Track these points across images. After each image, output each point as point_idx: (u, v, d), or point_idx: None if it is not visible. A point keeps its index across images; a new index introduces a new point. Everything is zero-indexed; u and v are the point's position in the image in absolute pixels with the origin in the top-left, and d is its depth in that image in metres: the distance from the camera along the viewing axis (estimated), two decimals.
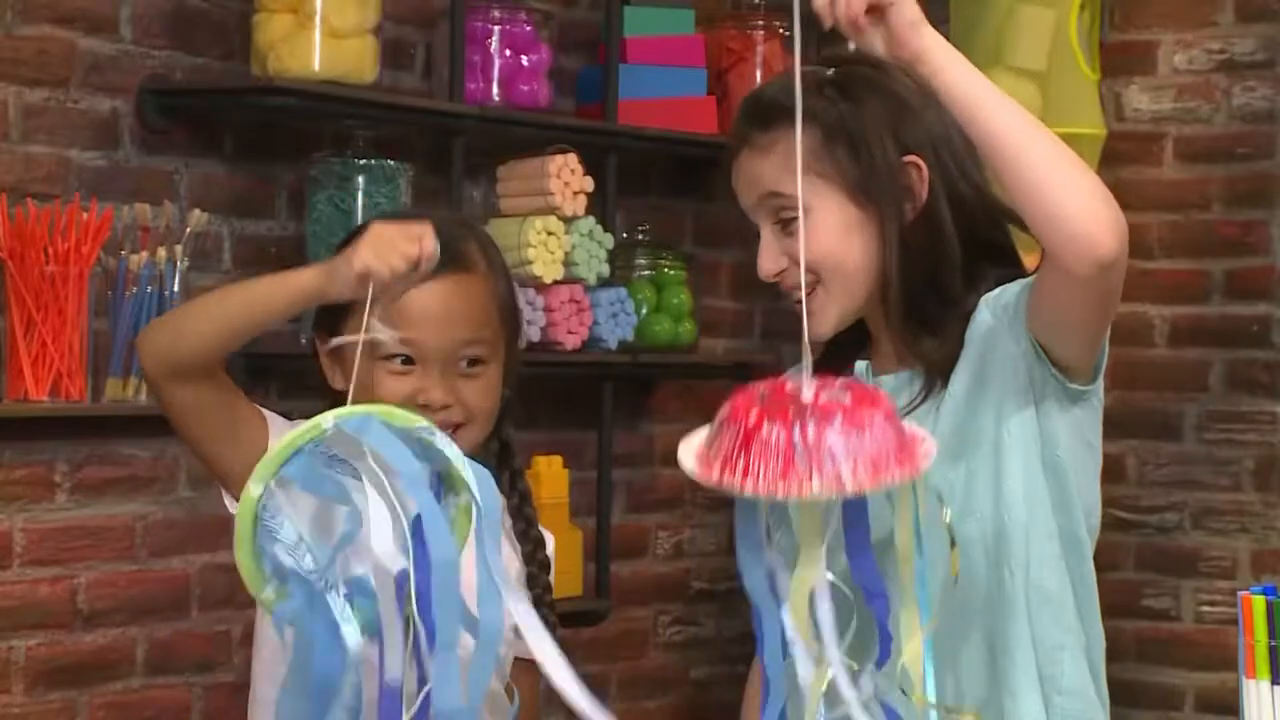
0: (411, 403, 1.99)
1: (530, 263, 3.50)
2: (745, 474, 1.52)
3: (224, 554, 2.21)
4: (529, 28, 3.72)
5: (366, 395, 1.97)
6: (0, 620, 3.07)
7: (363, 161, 3.42)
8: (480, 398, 2.08)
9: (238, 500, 2.06)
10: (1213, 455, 4.24)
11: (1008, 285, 1.92)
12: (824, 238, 1.92)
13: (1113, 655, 4.49)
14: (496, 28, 3.68)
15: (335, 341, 2.01)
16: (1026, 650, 1.93)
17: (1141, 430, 4.32)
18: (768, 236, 1.95)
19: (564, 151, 3.62)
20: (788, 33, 4.20)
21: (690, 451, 1.60)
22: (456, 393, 2.06)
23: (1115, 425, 4.30)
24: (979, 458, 1.92)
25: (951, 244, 1.95)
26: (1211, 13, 4.24)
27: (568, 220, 3.59)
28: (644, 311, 3.79)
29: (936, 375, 1.94)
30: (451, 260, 2.05)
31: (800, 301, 1.83)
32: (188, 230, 3.21)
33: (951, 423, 1.92)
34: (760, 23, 4.17)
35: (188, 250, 3.19)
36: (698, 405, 3.94)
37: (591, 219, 3.63)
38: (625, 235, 3.89)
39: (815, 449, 1.50)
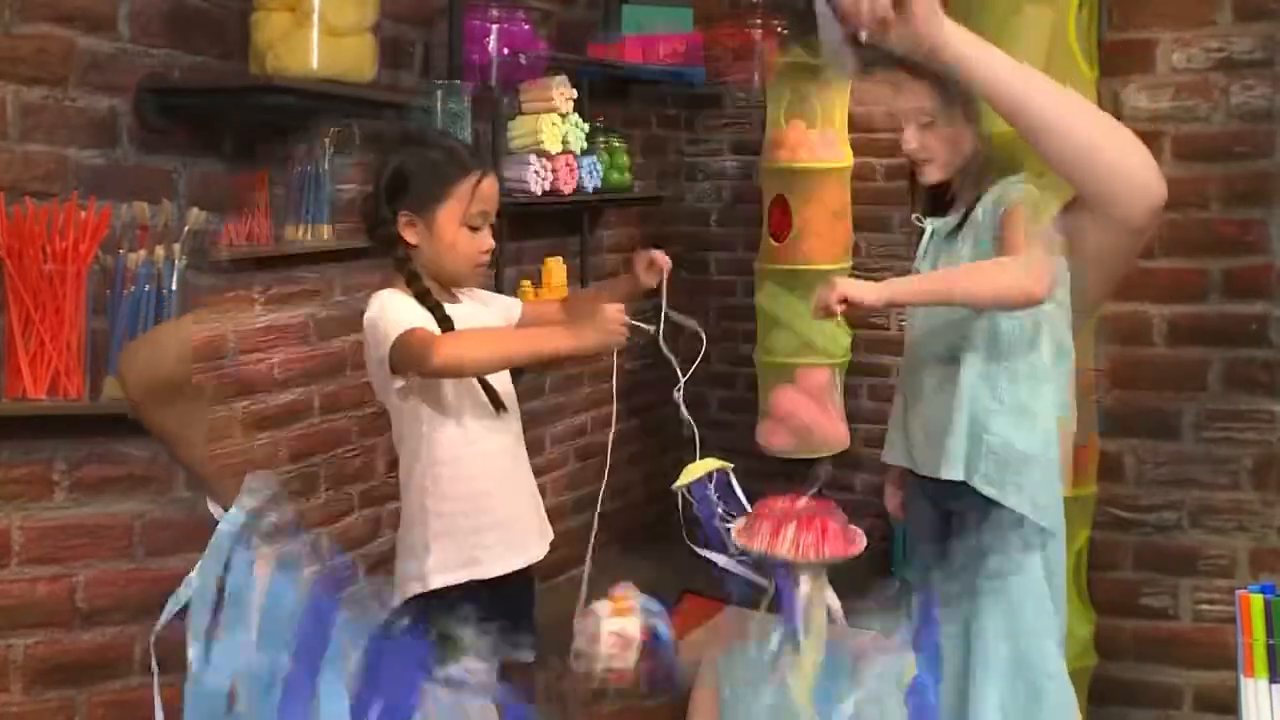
0: (485, 245, 2.96)
1: (543, 141, 4.88)
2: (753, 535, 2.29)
3: None
4: (527, 26, 3.73)
5: (453, 249, 2.91)
6: None
7: None
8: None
9: (223, 506, 2.08)
10: (1211, 454, 4.24)
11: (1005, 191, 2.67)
12: (941, 137, 2.73)
13: (1111, 654, 4.47)
14: (495, 26, 3.68)
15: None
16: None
17: (1140, 429, 4.32)
18: (912, 129, 2.87)
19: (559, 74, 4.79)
20: (786, 31, 4.20)
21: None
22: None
23: (1114, 424, 4.33)
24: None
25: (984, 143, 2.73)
26: (1210, 12, 4.24)
27: (563, 115, 4.92)
28: (605, 169, 5.34)
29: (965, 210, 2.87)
30: (491, 166, 2.95)
31: (919, 163, 2.89)
32: (186, 229, 3.21)
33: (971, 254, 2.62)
34: (758, 21, 4.17)
35: (186, 249, 3.19)
36: (630, 220, 5.85)
37: (577, 115, 4.96)
38: (597, 124, 5.27)
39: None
